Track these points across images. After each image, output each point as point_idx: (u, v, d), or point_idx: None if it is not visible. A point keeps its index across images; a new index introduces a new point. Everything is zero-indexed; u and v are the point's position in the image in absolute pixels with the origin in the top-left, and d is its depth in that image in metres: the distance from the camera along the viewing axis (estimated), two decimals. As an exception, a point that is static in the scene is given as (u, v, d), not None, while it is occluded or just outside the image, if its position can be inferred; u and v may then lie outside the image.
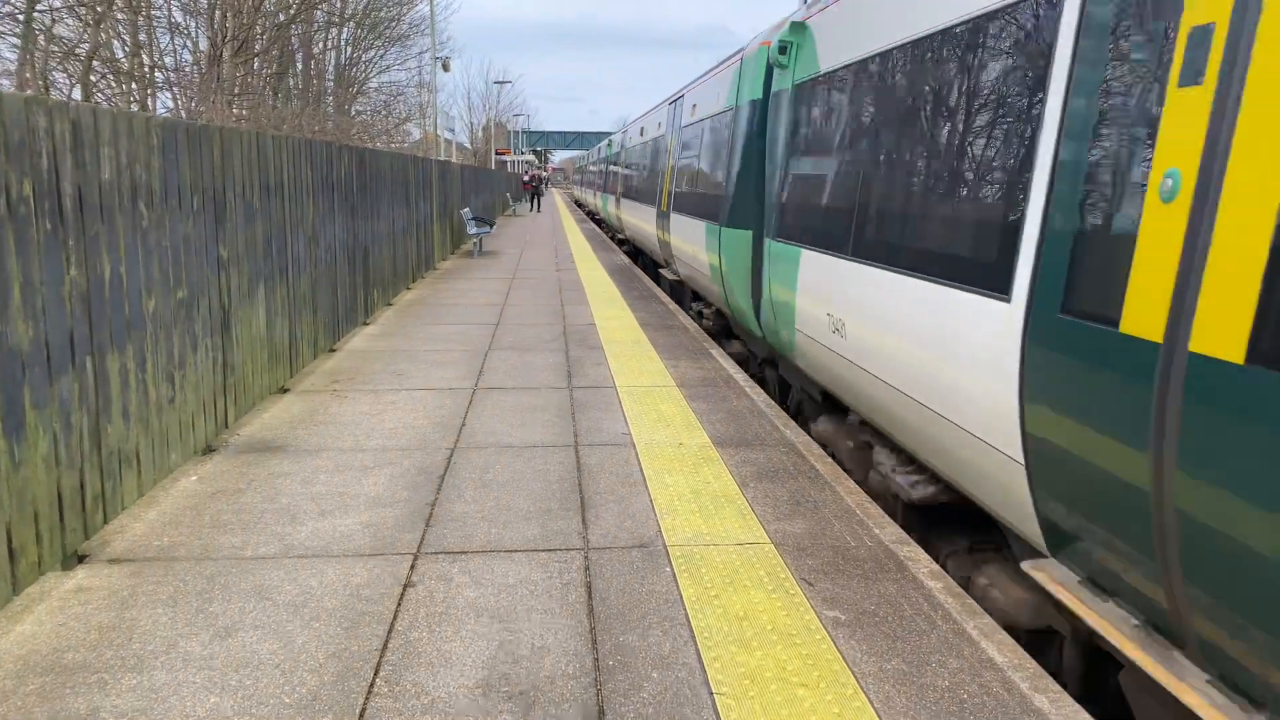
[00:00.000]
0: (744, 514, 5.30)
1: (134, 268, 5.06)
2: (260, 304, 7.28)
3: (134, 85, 29.69)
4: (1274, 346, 2.63)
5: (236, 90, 33.55)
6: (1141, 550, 3.25)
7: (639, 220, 19.61)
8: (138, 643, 3.80)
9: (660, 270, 16.81)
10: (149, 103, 29.25)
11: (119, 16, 28.72)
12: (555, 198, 70.02)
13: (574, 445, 6.58)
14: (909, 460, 5.79)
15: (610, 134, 46.88)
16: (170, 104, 31.54)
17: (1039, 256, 3.85)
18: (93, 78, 27.00)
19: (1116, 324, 3.30)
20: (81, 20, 26.47)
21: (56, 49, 26.63)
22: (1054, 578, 3.79)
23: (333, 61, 46.02)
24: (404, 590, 4.33)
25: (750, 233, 9.14)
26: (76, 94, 25.88)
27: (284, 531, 5.00)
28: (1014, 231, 4.06)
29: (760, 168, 9.04)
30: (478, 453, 6.39)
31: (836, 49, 6.98)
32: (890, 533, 5.06)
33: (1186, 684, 3.07)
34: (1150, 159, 3.22)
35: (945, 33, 5.04)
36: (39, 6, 24.63)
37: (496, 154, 68.72)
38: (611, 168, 29.36)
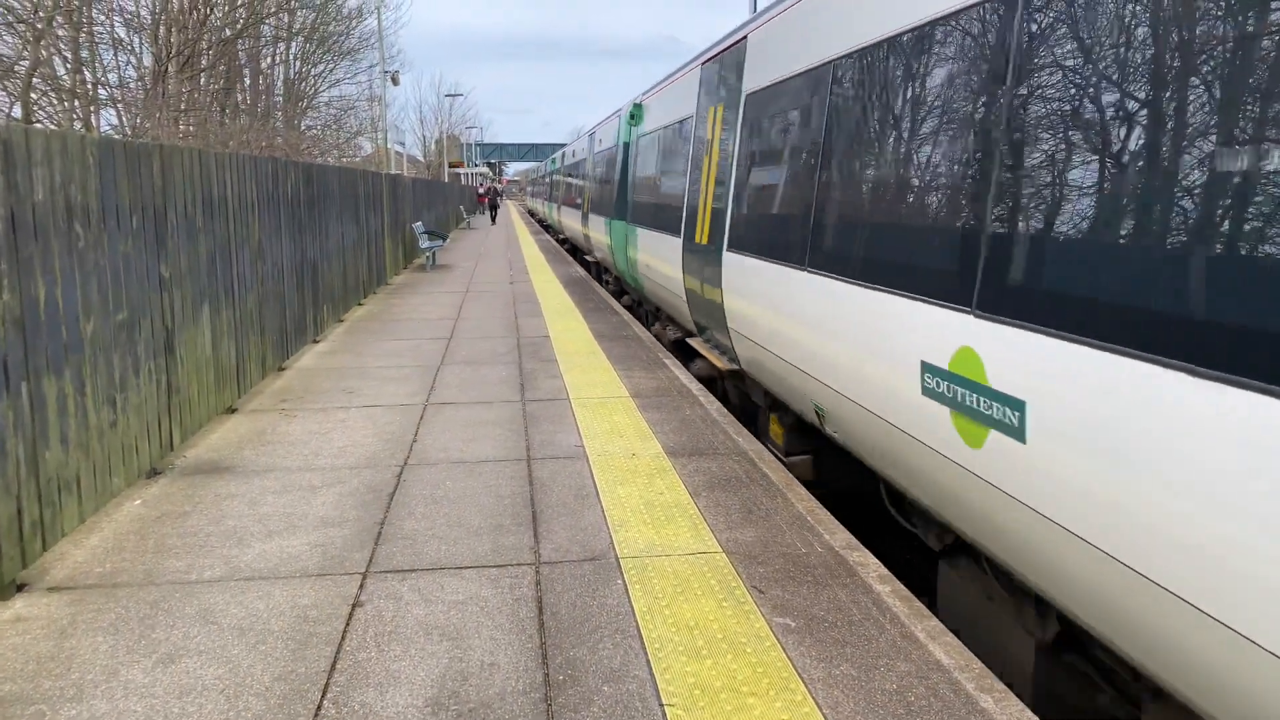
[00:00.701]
0: (696, 524, 5.31)
1: (70, 290, 4.97)
2: (205, 324, 7.17)
3: (76, 103, 29.14)
4: (712, 242, 8.53)
5: (183, 106, 33.11)
6: (717, 322, 8.60)
7: (570, 220, 26.83)
8: (77, 672, 3.73)
9: (585, 257, 24.75)
10: (92, 120, 28.75)
11: (60, 33, 28.18)
12: (510, 210, 69.80)
13: (526, 459, 6.56)
14: (669, 319, 12.40)
15: (562, 145, 48.66)
16: (115, 121, 31.05)
17: (684, 222, 9.99)
18: (34, 95, 26.44)
19: (697, 240, 9.26)
20: (21, 37, 25.93)
21: (-4, 67, 26.05)
22: (698, 341, 9.81)
23: (281, 76, 45.52)
24: (352, 610, 4.28)
25: (622, 221, 15.66)
26: (17, 112, 25.34)
27: (230, 554, 4.93)
28: (679, 214, 10.36)
29: (625, 183, 15.84)
30: (429, 469, 6.35)
31: (648, 121, 14.00)
32: (841, 538, 5.10)
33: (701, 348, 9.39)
34: (697, 185, 9.58)
35: (667, 128, 12.05)
36: (-25, 23, 24.15)
37: (450, 167, 68.41)
38: (555, 178, 36.70)
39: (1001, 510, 3.79)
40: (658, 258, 11.67)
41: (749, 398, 8.69)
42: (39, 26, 25.31)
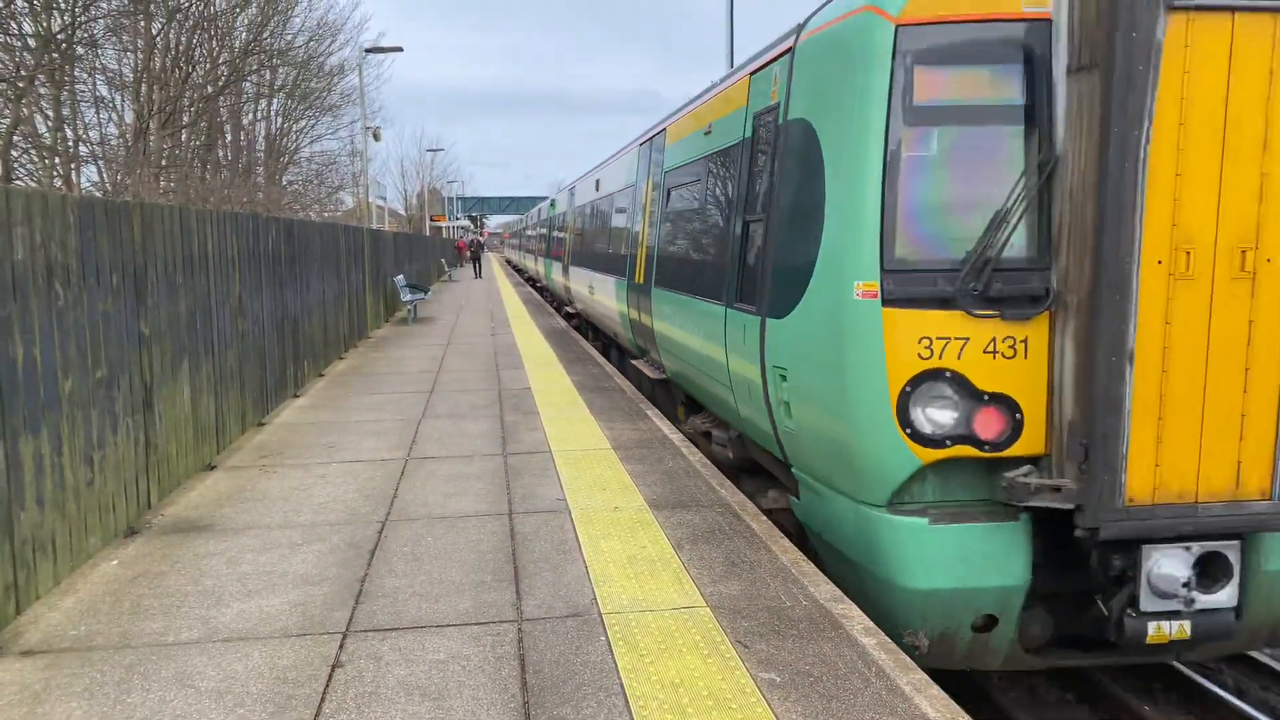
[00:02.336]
0: (680, 578, 5.29)
1: (49, 348, 4.95)
2: (185, 380, 7.14)
3: (57, 160, 29.14)
4: (645, 282, 10.57)
5: (164, 163, 33.19)
6: (647, 338, 11.11)
7: (537, 265, 35.03)
8: (50, 740, 3.65)
9: (539, 285, 34.94)
10: (73, 177, 28.77)
11: (41, 91, 28.23)
12: (492, 262, 70.14)
13: (508, 513, 6.53)
14: (600, 333, 17.11)
15: (542, 198, 51.40)
16: (96, 178, 31.07)
17: (629, 268, 12.09)
18: (14, 153, 26.44)
19: (635, 280, 11.51)
20: (2, 96, 25.99)
21: (-24, 125, 26.03)
22: (640, 356, 12.58)
23: (263, 132, 45.77)
24: (332, 671, 4.22)
25: (560, 262, 22.69)
26: (-3, 169, 25.33)
27: (208, 614, 4.86)
28: (624, 260, 12.58)
29: (560, 240, 23.27)
30: (409, 525, 6.30)
31: (556, 207, 26.42)
32: (826, 590, 5.09)
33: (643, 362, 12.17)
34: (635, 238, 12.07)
35: (543, 221, 28.08)
36: (-45, 82, 24.22)
37: (431, 220, 68.74)
38: (528, 232, 44.10)
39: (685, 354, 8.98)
40: (605, 294, 14.56)
41: (675, 400, 10.93)
42: (20, 85, 25.40)
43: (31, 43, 26.25)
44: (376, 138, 34.44)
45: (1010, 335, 4.64)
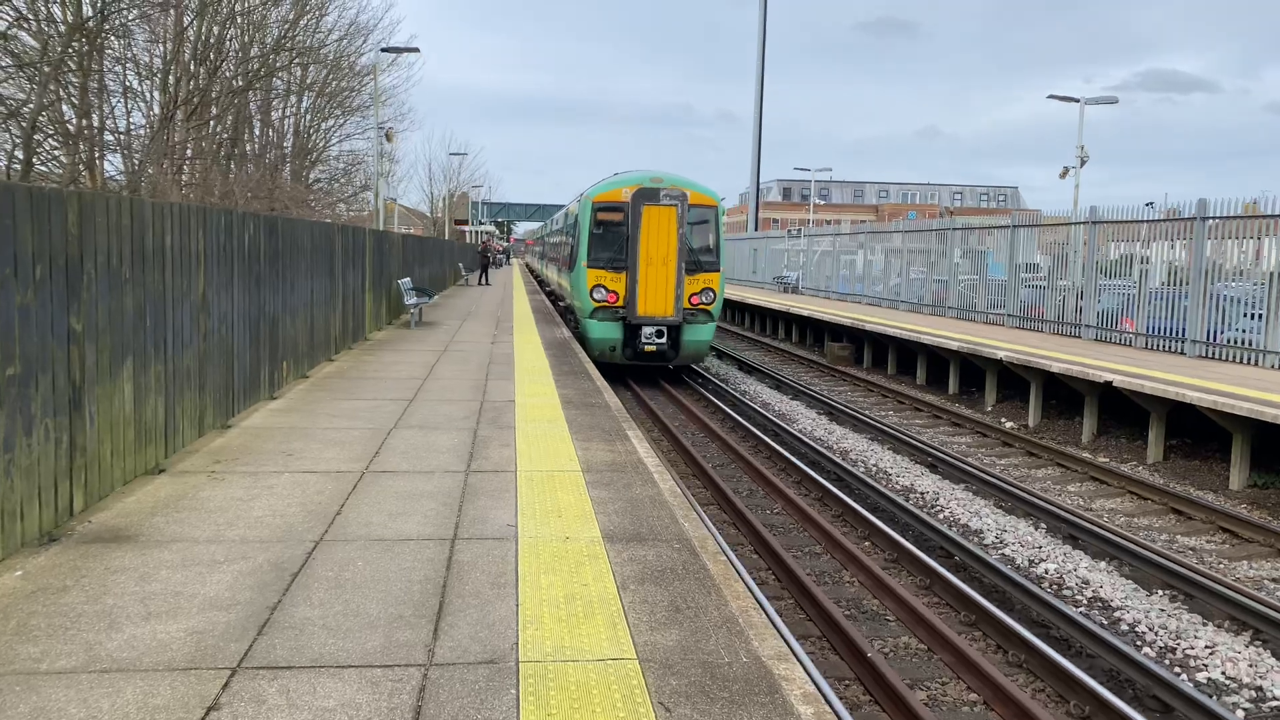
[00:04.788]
0: (615, 623, 4.85)
1: (-57, 342, 4.59)
2: (126, 379, 6.79)
3: (81, 146, 29.09)
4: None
5: (188, 153, 33.17)
6: (557, 284, 31.24)
7: (542, 266, 47.13)
8: None
9: (548, 289, 38.99)
10: (96, 164, 28.75)
11: (72, 80, 28.18)
12: (513, 269, 70.02)
13: (451, 539, 6.11)
14: (556, 296, 32.05)
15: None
16: (120, 165, 31.06)
17: (566, 260, 24.65)
18: (38, 137, 26.38)
19: (562, 267, 26.47)
20: (30, 80, 25.93)
21: (2, 109, 25.98)
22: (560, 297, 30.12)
23: (291, 129, 45.81)
24: (206, 715, 3.81)
25: (549, 261, 37.67)
26: (19, 155, 25.28)
27: (95, 639, 4.47)
28: (561, 257, 27.43)
29: (553, 245, 34.66)
30: (343, 546, 5.90)
31: (548, 227, 44.00)
32: (770, 646, 4.63)
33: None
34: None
35: (550, 233, 40.69)
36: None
37: (454, 224, 68.68)
38: (543, 239, 52.87)
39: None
40: (559, 275, 28.01)
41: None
42: (46, 70, 25.34)
43: (61, 28, 26.29)
44: (389, 138, 34.29)
45: (616, 275, 18.83)
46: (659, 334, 18.83)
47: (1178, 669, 7.23)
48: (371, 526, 6.32)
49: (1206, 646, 7.56)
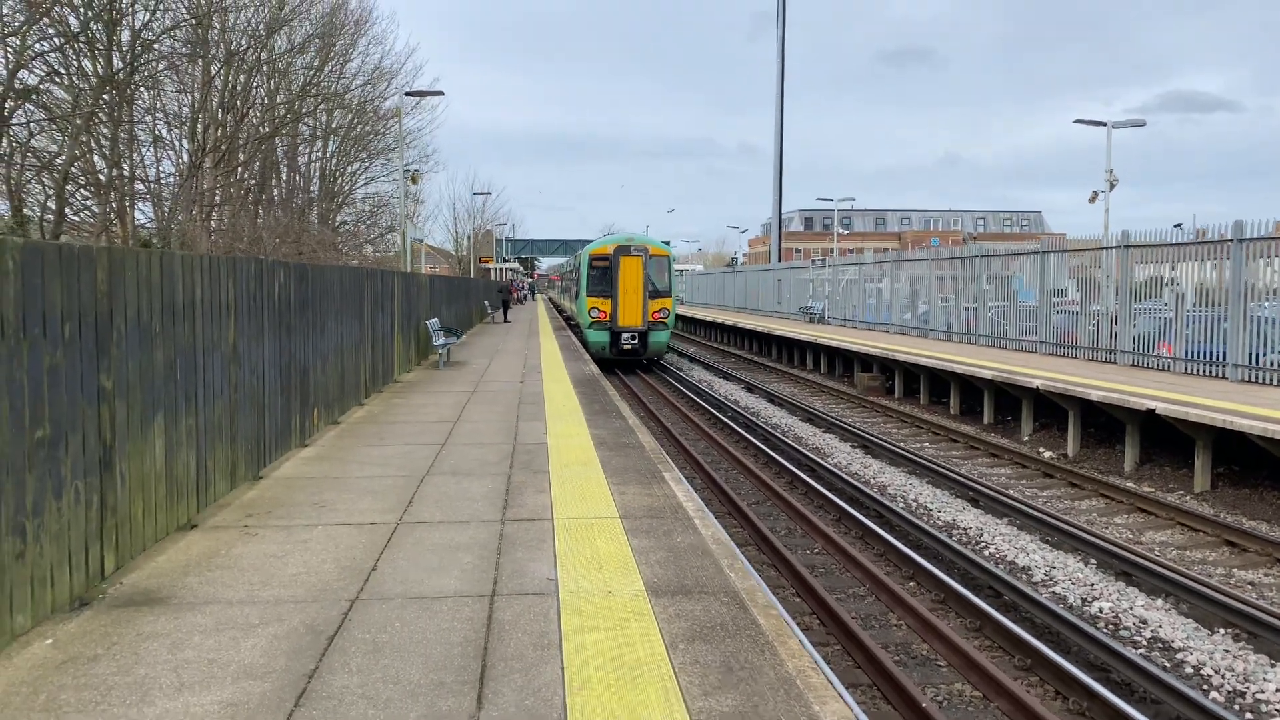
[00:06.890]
0: (667, 687, 4.62)
1: (-28, 408, 4.48)
2: (158, 435, 6.67)
3: (112, 195, 29.41)
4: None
5: (217, 200, 33.49)
6: (571, 309, 45.59)
7: (564, 300, 55.26)
8: None
9: (573, 322, 42.21)
10: (127, 213, 29.04)
11: (103, 131, 28.53)
12: (538, 305, 70.37)
13: (490, 595, 5.91)
14: (569, 318, 46.71)
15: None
16: (150, 214, 31.39)
17: (575, 292, 36.73)
18: (70, 187, 26.67)
19: (574, 296, 38.02)
20: (62, 133, 26.26)
21: (35, 161, 26.30)
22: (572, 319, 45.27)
23: (317, 173, 46.26)
24: (243, 798, 3.63)
25: (567, 295, 51.01)
26: (52, 205, 25.55)
27: (125, 714, 4.30)
28: (572, 290, 40.85)
29: (573, 281, 42.84)
30: (381, 606, 5.72)
31: (565, 266, 62.39)
32: (831, 710, 4.39)
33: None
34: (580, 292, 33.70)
35: (566, 272, 57.92)
36: (17, 119, 24.49)
37: (479, 262, 69.23)
38: (564, 277, 61.54)
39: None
40: (571, 301, 41.31)
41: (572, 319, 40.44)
42: (78, 122, 25.68)
43: (92, 81, 26.68)
44: (414, 181, 34.85)
45: (604, 300, 29.22)
46: (632, 338, 29.30)
47: (1249, 715, 6.90)
48: (408, 583, 6.13)
49: (1278, 690, 7.22)
